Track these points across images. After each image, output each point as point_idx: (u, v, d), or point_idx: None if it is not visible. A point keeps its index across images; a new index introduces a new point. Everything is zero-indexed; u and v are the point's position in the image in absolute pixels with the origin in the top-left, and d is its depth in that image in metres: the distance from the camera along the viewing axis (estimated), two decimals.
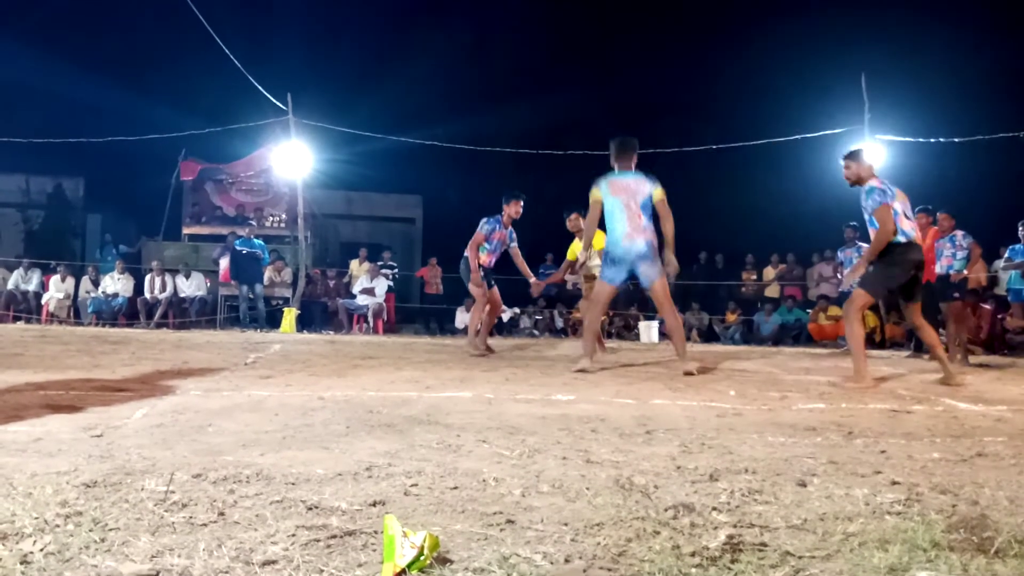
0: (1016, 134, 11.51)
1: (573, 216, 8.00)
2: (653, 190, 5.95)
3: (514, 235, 8.12)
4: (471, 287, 8.03)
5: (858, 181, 5.55)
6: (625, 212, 5.92)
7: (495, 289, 8.28)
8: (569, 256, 8.26)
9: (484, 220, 7.94)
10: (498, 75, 24.12)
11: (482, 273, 7.91)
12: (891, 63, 17.70)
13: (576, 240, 8.07)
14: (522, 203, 7.94)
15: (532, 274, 8.45)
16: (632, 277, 6.17)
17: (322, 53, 24.26)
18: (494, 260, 8.15)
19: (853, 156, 5.66)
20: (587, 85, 23.75)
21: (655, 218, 6.01)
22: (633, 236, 5.91)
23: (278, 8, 25.85)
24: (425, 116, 20.06)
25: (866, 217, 5.47)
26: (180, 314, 13.55)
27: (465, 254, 8.06)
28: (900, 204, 5.37)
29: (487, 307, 8.17)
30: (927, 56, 18.71)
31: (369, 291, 13.69)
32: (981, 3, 19.99)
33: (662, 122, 21.73)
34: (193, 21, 11.66)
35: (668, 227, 5.95)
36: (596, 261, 7.89)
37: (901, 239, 5.29)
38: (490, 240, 7.93)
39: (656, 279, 5.96)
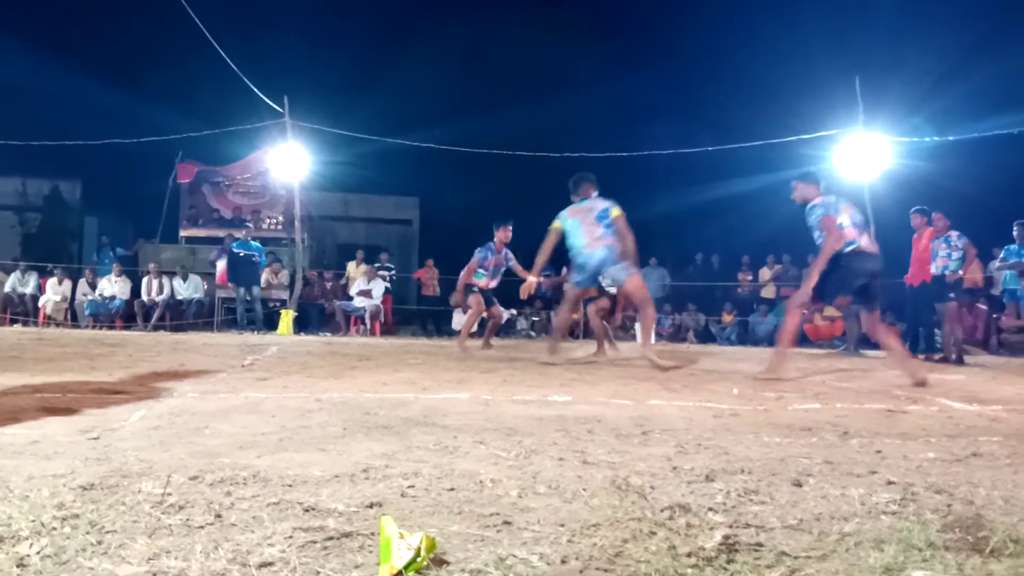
0: (1011, 131, 11.53)
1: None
2: (611, 208, 6.64)
3: (510, 255, 8.74)
4: (460, 298, 8.82)
5: (804, 201, 5.88)
6: (582, 227, 6.67)
7: (496, 306, 8.98)
8: None
9: (477, 249, 8.61)
10: (495, 77, 24.14)
11: (476, 289, 8.64)
12: (886, 63, 17.74)
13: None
14: (511, 228, 8.59)
15: (527, 272, 8.81)
16: (598, 281, 6.96)
17: (319, 55, 24.24)
18: (494, 284, 8.82)
19: (802, 178, 6.05)
20: (584, 87, 23.75)
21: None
22: (592, 245, 6.61)
23: (274, 11, 25.84)
24: (422, 118, 20.05)
25: (815, 235, 5.78)
26: (177, 316, 13.55)
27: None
28: (846, 216, 5.66)
29: (488, 315, 8.93)
30: (922, 56, 18.76)
31: (366, 293, 13.68)
32: (976, 3, 20.02)
33: (659, 124, 21.78)
34: (190, 24, 11.66)
35: (627, 243, 6.63)
36: None
37: (846, 248, 5.58)
38: (485, 267, 8.57)
39: (625, 278, 6.61)
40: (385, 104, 19.76)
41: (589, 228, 6.62)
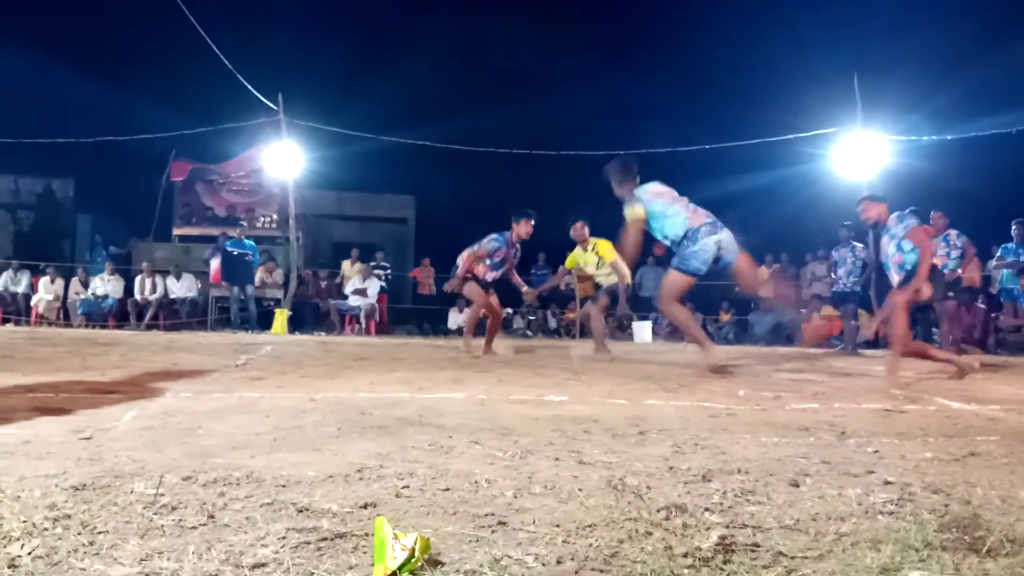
0: (1008, 131, 11.55)
1: (579, 224, 7.81)
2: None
3: (519, 255, 7.81)
4: (457, 284, 7.65)
5: (879, 219, 5.91)
6: (675, 204, 5.99)
7: (494, 296, 7.94)
8: (567, 264, 8.17)
9: (492, 236, 7.53)
10: (491, 75, 24.15)
11: (471, 277, 7.59)
12: (884, 61, 17.77)
13: (578, 248, 7.97)
14: (533, 223, 7.48)
15: (523, 283, 8.35)
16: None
17: (313, 52, 24.19)
18: (492, 276, 7.71)
19: (871, 198, 6.03)
20: (580, 85, 23.78)
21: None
22: (696, 220, 5.93)
23: (268, 7, 25.79)
24: (417, 116, 20.03)
25: (892, 248, 5.75)
26: (170, 315, 13.51)
27: (458, 261, 7.68)
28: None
29: (486, 313, 7.81)
30: (920, 54, 18.80)
31: (361, 292, 13.66)
32: (974, 2, 20.07)
33: (656, 122, 21.79)
34: (183, 21, 11.64)
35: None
36: (606, 270, 7.83)
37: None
38: (493, 257, 7.55)
39: (738, 252, 6.08)
40: (380, 101, 19.70)
41: (685, 205, 5.96)
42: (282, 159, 14.32)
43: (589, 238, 7.76)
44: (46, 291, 13.65)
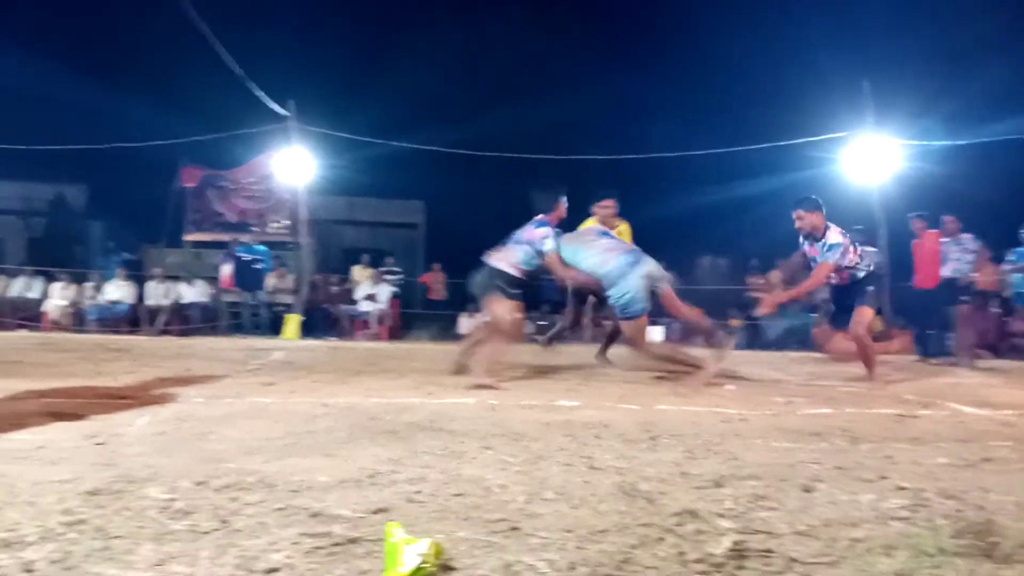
0: (1021, 136, 11.49)
1: (610, 202, 6.82)
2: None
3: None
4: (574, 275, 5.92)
5: (814, 229, 5.73)
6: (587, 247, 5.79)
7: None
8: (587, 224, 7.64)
9: (539, 223, 5.90)
10: (501, 79, 24.19)
11: (514, 292, 5.88)
12: (896, 65, 17.71)
13: (599, 223, 7.30)
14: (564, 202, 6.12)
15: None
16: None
17: (324, 58, 24.29)
18: (527, 274, 5.92)
19: (806, 205, 5.72)
20: (590, 89, 23.80)
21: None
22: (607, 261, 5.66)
23: (280, 14, 25.91)
24: (427, 121, 20.06)
25: (814, 258, 5.83)
26: (182, 321, 13.56)
27: (495, 265, 5.77)
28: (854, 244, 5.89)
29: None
30: (932, 58, 18.74)
31: (372, 297, 13.68)
32: (986, 7, 19.98)
33: (665, 126, 21.76)
34: (195, 29, 11.68)
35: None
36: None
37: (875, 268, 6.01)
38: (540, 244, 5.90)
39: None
40: (390, 107, 19.74)
41: (598, 247, 5.72)
42: (293, 165, 14.38)
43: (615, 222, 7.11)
44: (59, 297, 13.73)
